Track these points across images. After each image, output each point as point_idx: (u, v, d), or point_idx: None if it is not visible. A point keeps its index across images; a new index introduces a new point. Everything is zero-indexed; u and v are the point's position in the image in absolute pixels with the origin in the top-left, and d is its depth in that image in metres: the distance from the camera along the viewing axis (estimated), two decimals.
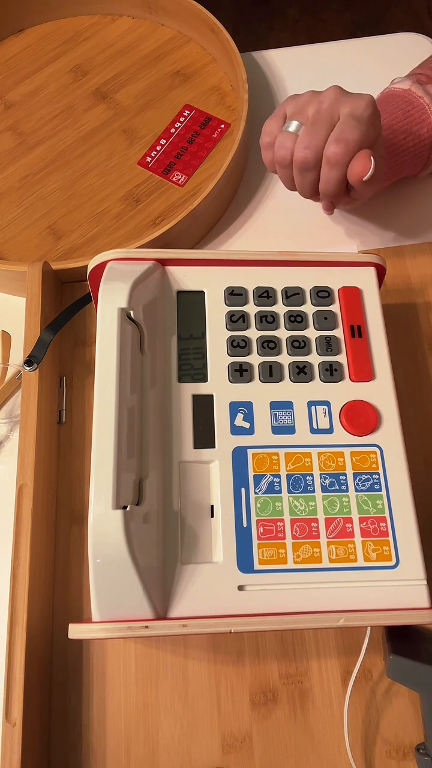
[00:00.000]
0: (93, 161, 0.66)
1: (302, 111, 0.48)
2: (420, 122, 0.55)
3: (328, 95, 0.47)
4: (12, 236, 0.63)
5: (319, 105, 0.47)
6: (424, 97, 0.55)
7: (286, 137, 0.48)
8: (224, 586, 0.37)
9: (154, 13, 0.73)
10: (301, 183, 0.49)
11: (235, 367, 0.43)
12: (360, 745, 0.44)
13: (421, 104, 0.55)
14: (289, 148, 0.48)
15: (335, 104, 0.46)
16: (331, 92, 0.47)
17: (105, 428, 0.37)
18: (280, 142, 0.48)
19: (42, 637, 0.45)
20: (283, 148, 0.48)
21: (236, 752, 0.44)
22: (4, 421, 0.56)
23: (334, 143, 0.45)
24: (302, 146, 0.46)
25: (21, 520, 0.46)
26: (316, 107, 0.47)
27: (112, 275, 0.42)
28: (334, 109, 0.46)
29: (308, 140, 0.46)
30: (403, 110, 0.55)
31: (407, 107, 0.55)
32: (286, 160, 0.48)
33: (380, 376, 0.43)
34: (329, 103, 0.46)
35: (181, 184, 0.64)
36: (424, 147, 0.56)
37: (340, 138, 0.45)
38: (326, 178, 0.47)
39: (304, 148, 0.46)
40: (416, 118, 0.55)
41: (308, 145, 0.46)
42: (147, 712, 0.45)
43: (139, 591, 0.35)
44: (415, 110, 0.55)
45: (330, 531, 0.39)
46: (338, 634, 0.47)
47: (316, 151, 0.46)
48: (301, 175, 0.48)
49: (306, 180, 0.49)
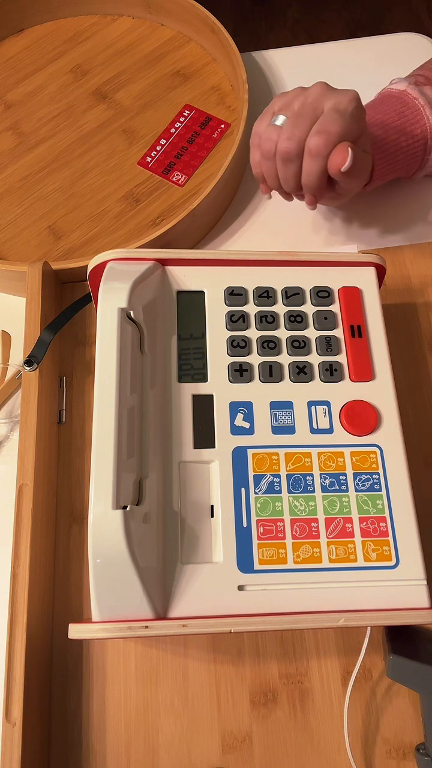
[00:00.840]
0: (93, 161, 0.66)
1: (289, 106, 0.49)
2: (414, 123, 0.55)
3: (314, 90, 0.48)
4: (12, 236, 0.63)
5: (305, 99, 0.48)
6: (419, 98, 0.55)
7: (271, 130, 0.49)
8: (224, 586, 0.37)
9: (154, 13, 0.73)
10: (285, 175, 0.50)
11: (235, 367, 0.43)
12: (360, 745, 0.44)
13: (415, 105, 0.55)
14: (274, 140, 0.49)
15: (320, 98, 0.48)
16: (317, 87, 0.48)
17: (105, 428, 0.37)
18: (265, 135, 0.49)
19: (42, 637, 0.45)
20: (268, 140, 0.49)
21: (236, 752, 0.44)
22: (4, 421, 0.56)
23: (316, 135, 0.46)
24: (285, 137, 0.48)
25: (21, 520, 0.46)
26: (302, 101, 0.48)
27: (112, 275, 0.42)
28: (319, 103, 0.47)
29: (291, 132, 0.47)
30: (397, 111, 0.55)
31: (402, 108, 0.55)
32: (270, 152, 0.49)
33: (380, 376, 0.43)
34: (314, 98, 0.48)
35: (181, 184, 0.64)
36: (418, 148, 0.56)
37: (321, 130, 0.46)
38: (308, 169, 0.48)
39: (287, 138, 0.47)
40: (410, 118, 0.55)
41: (291, 136, 0.47)
42: (147, 712, 0.45)
43: (139, 591, 0.35)
44: (410, 111, 0.55)
45: (330, 531, 0.39)
46: (338, 634, 0.47)
47: (298, 142, 0.47)
48: (284, 166, 0.49)
49: (289, 171, 0.49)
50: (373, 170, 0.55)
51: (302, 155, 0.48)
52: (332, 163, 0.47)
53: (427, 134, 0.55)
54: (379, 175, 0.56)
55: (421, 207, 0.62)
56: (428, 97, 0.55)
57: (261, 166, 0.52)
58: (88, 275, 0.46)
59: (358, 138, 0.49)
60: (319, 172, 0.48)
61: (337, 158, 0.46)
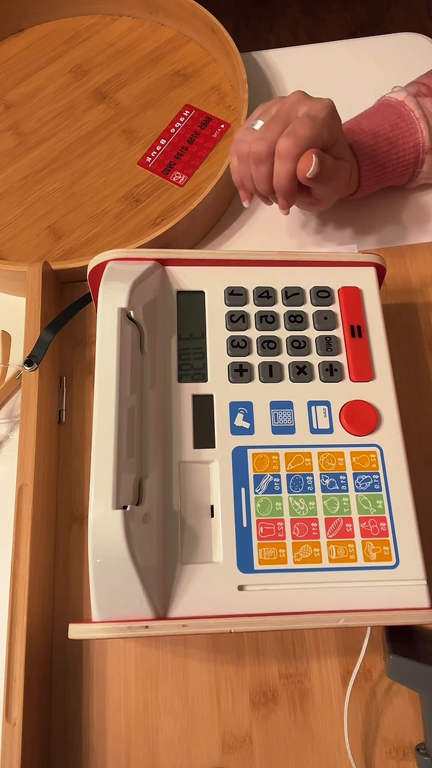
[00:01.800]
0: (93, 161, 0.66)
1: (267, 112, 0.50)
2: (407, 136, 0.55)
3: (291, 97, 0.50)
4: (12, 236, 0.63)
5: (281, 105, 0.50)
6: (415, 111, 0.55)
7: (247, 132, 0.50)
8: (224, 586, 0.37)
9: (154, 13, 0.73)
10: (257, 176, 0.51)
11: (235, 367, 0.43)
12: (360, 745, 0.44)
13: (411, 118, 0.55)
14: (248, 141, 0.50)
15: (295, 104, 0.49)
16: (294, 95, 0.50)
17: (105, 428, 0.37)
18: (241, 136, 0.50)
19: (42, 637, 0.45)
20: (242, 142, 0.50)
21: (236, 752, 0.44)
22: (4, 421, 0.56)
23: (285, 137, 0.47)
24: (257, 137, 0.49)
25: (21, 520, 0.46)
26: (278, 107, 0.50)
27: (112, 275, 0.42)
28: (293, 109, 0.49)
29: (263, 133, 0.49)
30: (391, 122, 0.56)
31: (396, 119, 0.56)
32: (244, 154, 0.50)
33: (380, 376, 0.43)
34: (290, 104, 0.49)
35: (181, 184, 0.64)
36: (409, 160, 0.56)
37: (291, 132, 0.47)
38: (277, 171, 0.49)
39: (258, 139, 0.49)
40: (403, 131, 0.55)
41: (262, 137, 0.48)
42: (147, 712, 0.45)
43: (139, 591, 0.35)
44: (404, 123, 0.55)
45: (330, 531, 0.39)
46: (338, 634, 0.47)
47: (269, 144, 0.48)
48: (256, 167, 0.50)
49: (261, 173, 0.50)
50: (361, 179, 0.56)
51: (272, 156, 0.49)
52: (298, 168, 0.48)
53: (419, 147, 0.56)
54: (368, 185, 0.57)
55: (420, 207, 0.62)
56: (426, 110, 0.55)
57: (239, 171, 0.52)
58: (88, 275, 0.46)
59: (332, 145, 0.50)
60: (287, 175, 0.48)
61: (301, 164, 0.47)
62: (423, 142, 0.55)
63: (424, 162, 0.57)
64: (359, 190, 0.57)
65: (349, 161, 0.54)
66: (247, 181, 0.52)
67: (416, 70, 0.63)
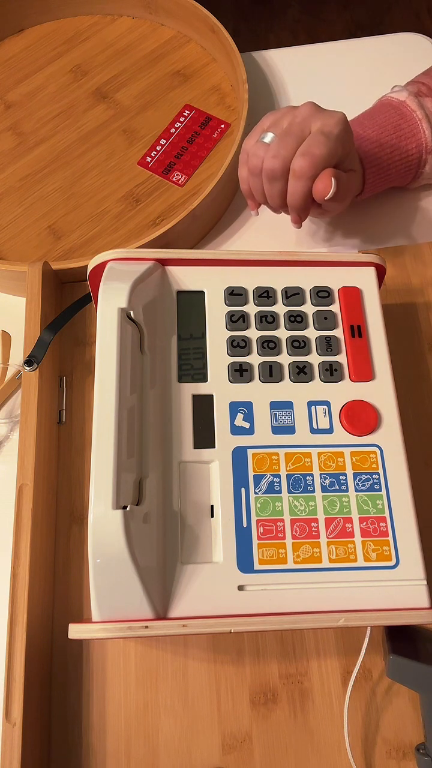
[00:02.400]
0: (93, 161, 0.66)
1: (278, 124, 0.49)
2: (409, 137, 0.55)
3: (302, 110, 0.49)
4: (12, 236, 0.63)
5: (293, 118, 0.48)
6: (417, 112, 0.55)
7: (259, 147, 0.49)
8: (224, 586, 0.37)
9: (154, 13, 0.73)
10: (270, 192, 0.51)
11: (235, 367, 0.43)
12: (360, 745, 0.44)
13: (413, 118, 0.55)
14: (261, 156, 0.49)
15: (308, 119, 0.48)
16: (306, 107, 0.49)
17: (105, 428, 0.37)
18: (253, 151, 0.50)
19: (42, 637, 0.45)
20: (255, 156, 0.50)
21: (236, 752, 0.44)
22: (4, 421, 0.56)
23: (301, 157, 0.47)
24: (271, 155, 0.48)
25: (21, 520, 0.46)
26: (290, 120, 0.49)
27: (112, 275, 0.42)
28: (306, 124, 0.48)
29: (277, 150, 0.48)
30: (393, 123, 0.55)
31: (399, 120, 0.56)
32: (257, 169, 0.50)
33: (380, 376, 0.43)
34: (302, 118, 0.48)
35: (181, 184, 0.64)
36: (412, 162, 0.56)
37: (306, 152, 0.47)
38: (292, 189, 0.49)
39: (272, 157, 0.48)
40: (406, 132, 0.55)
41: (276, 154, 0.48)
42: (147, 712, 0.45)
43: (139, 591, 0.35)
44: (407, 124, 0.55)
45: (330, 531, 0.39)
46: (338, 634, 0.47)
47: (284, 162, 0.48)
48: (269, 184, 0.50)
49: (274, 189, 0.50)
50: (365, 182, 0.56)
51: (287, 174, 0.48)
52: (316, 190, 0.48)
53: (422, 148, 0.56)
54: (371, 187, 0.57)
55: (420, 207, 0.62)
56: (427, 110, 0.55)
57: (248, 182, 0.52)
58: (88, 275, 0.46)
59: (344, 159, 0.50)
60: (303, 193, 0.49)
61: (320, 186, 0.47)
62: (426, 143, 0.55)
63: (426, 162, 0.57)
64: (363, 193, 0.57)
65: (358, 170, 0.54)
66: (257, 194, 0.52)
67: (416, 70, 0.63)
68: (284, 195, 0.50)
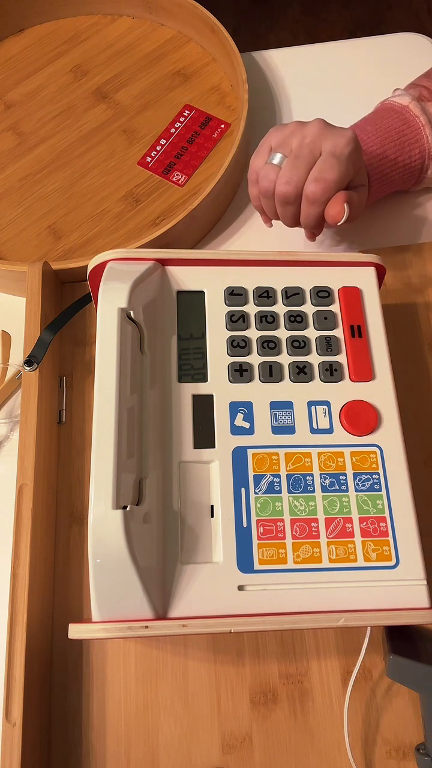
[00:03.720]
0: (93, 161, 0.66)
1: (286, 143, 0.49)
2: (413, 142, 0.55)
3: (311, 129, 0.48)
4: (12, 236, 0.63)
5: (302, 139, 0.48)
6: (420, 117, 0.55)
7: (270, 169, 0.49)
8: (224, 586, 0.37)
9: (154, 13, 0.73)
10: (284, 214, 0.51)
11: (235, 367, 0.43)
12: (360, 745, 0.44)
13: (416, 124, 0.55)
14: (273, 180, 0.49)
15: (317, 139, 0.48)
16: (315, 126, 0.48)
17: (105, 428, 0.37)
18: (264, 173, 0.49)
19: (42, 637, 0.45)
20: (266, 179, 0.49)
21: (236, 752, 0.44)
22: (4, 421, 0.56)
23: (313, 183, 0.47)
24: (283, 181, 0.48)
25: (21, 520, 0.46)
26: (299, 141, 0.48)
27: (112, 275, 0.42)
28: (316, 144, 0.47)
29: (289, 175, 0.48)
30: (397, 129, 0.55)
31: (402, 126, 0.55)
32: (269, 192, 0.50)
33: (380, 376, 0.43)
34: (312, 138, 0.48)
35: (181, 184, 0.64)
36: (415, 167, 0.57)
37: (319, 178, 0.47)
38: (306, 213, 0.49)
39: (285, 183, 0.48)
40: (410, 137, 0.55)
41: (289, 180, 0.48)
42: (147, 712, 0.45)
43: (139, 591, 0.35)
44: (410, 130, 0.55)
45: (330, 531, 0.39)
46: (338, 634, 0.47)
47: (296, 187, 0.48)
48: (282, 207, 0.50)
49: (287, 212, 0.50)
50: (369, 189, 0.56)
51: (300, 198, 0.49)
52: (329, 215, 0.48)
53: (425, 154, 0.56)
54: (375, 194, 0.57)
55: (421, 207, 0.62)
56: (430, 115, 0.55)
57: (260, 201, 0.52)
58: (88, 275, 0.46)
59: (355, 176, 0.50)
60: (317, 216, 0.49)
61: (332, 212, 0.48)
62: (429, 148, 0.55)
63: (429, 167, 0.57)
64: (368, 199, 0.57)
65: (366, 183, 0.54)
66: (270, 213, 0.53)
67: (416, 70, 0.63)
68: (297, 217, 0.51)
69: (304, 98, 0.69)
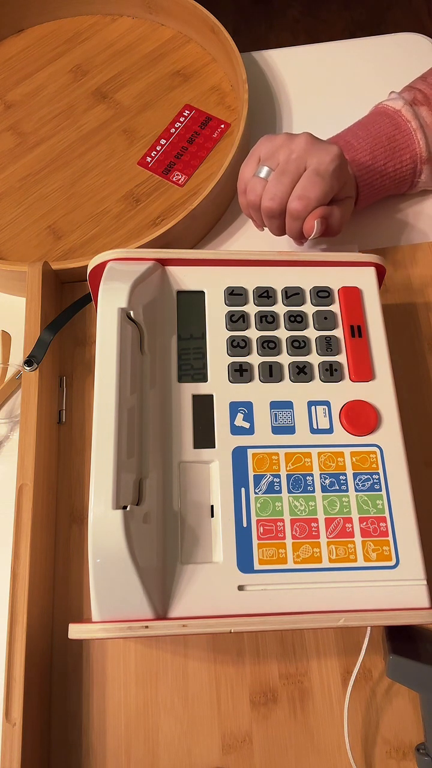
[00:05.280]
0: (93, 161, 0.66)
1: (274, 156, 0.50)
2: (403, 148, 0.55)
3: (298, 145, 0.49)
4: (12, 236, 0.63)
5: (289, 154, 0.49)
6: (412, 122, 0.55)
7: (256, 183, 0.51)
8: (224, 586, 0.37)
9: (154, 13, 0.73)
10: (270, 226, 0.53)
11: (235, 367, 0.43)
12: (360, 745, 0.44)
13: (408, 129, 0.55)
14: (259, 193, 0.51)
15: (303, 155, 0.49)
16: (302, 141, 0.49)
17: (105, 428, 0.37)
18: (251, 187, 0.51)
19: (42, 637, 0.45)
20: (253, 193, 0.51)
21: (236, 752, 0.44)
22: (4, 421, 0.56)
23: (296, 200, 0.48)
24: (268, 197, 0.49)
25: (21, 520, 0.46)
26: (286, 156, 0.49)
27: (112, 275, 0.42)
28: (301, 161, 0.49)
29: (274, 191, 0.49)
30: (387, 135, 0.56)
31: (393, 131, 0.56)
32: (256, 204, 0.52)
33: (380, 376, 0.43)
34: (298, 154, 0.49)
35: (181, 184, 0.64)
36: (406, 172, 0.57)
37: (302, 195, 0.48)
38: (290, 227, 0.51)
39: (270, 199, 0.49)
40: (400, 143, 0.55)
41: (273, 196, 0.49)
42: (147, 712, 0.45)
43: (139, 591, 0.35)
44: (401, 135, 0.55)
45: (330, 531, 0.39)
46: (338, 634, 0.47)
47: (280, 203, 0.49)
48: (268, 220, 0.52)
49: (273, 225, 0.52)
50: (359, 196, 0.56)
51: (284, 213, 0.50)
52: (304, 228, 0.50)
53: (416, 159, 0.56)
54: (364, 201, 0.57)
55: (420, 208, 0.62)
56: (422, 120, 0.55)
57: (248, 209, 0.53)
58: (88, 275, 0.46)
59: (340, 190, 0.51)
60: (299, 230, 0.51)
61: (306, 227, 0.49)
62: (420, 153, 0.56)
63: (422, 172, 0.57)
64: (357, 205, 0.57)
65: (353, 193, 0.55)
66: (258, 222, 0.54)
67: (416, 70, 0.63)
68: (283, 228, 0.52)
69: (304, 98, 0.70)
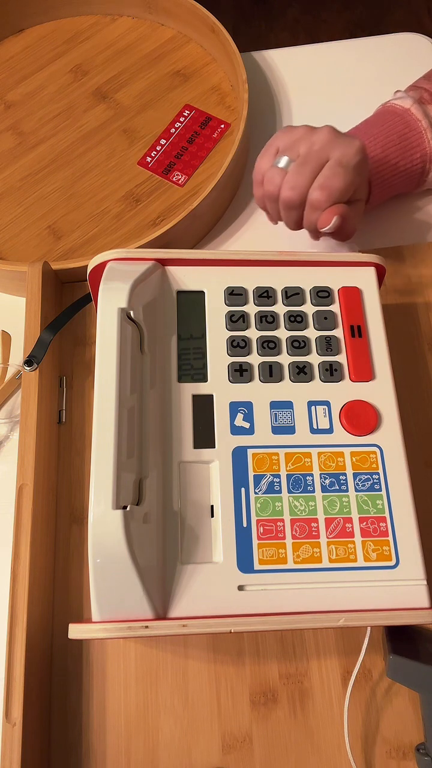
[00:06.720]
0: (93, 161, 0.66)
1: (294, 147, 0.49)
2: (415, 146, 0.55)
3: (321, 137, 0.48)
4: (12, 236, 0.63)
5: (311, 146, 0.48)
6: (422, 121, 0.55)
7: (275, 173, 0.49)
8: (224, 586, 0.37)
9: (154, 13, 0.73)
10: (287, 218, 0.51)
11: (235, 367, 0.43)
12: (360, 745, 0.44)
13: (418, 128, 0.55)
14: (278, 183, 0.49)
15: (326, 147, 0.47)
16: (324, 134, 0.48)
17: (105, 428, 0.37)
18: (269, 177, 0.49)
19: (42, 637, 0.45)
20: (271, 183, 0.49)
21: (236, 752, 0.44)
22: (4, 421, 0.56)
23: (318, 190, 0.47)
24: (288, 186, 0.48)
25: (21, 520, 0.46)
26: (308, 147, 0.48)
27: (112, 275, 0.42)
28: (324, 152, 0.47)
29: (294, 181, 0.48)
30: (398, 133, 0.55)
31: (404, 130, 0.55)
32: (274, 195, 0.50)
33: (380, 376, 0.43)
34: (321, 145, 0.47)
35: (181, 184, 0.64)
36: (416, 171, 0.57)
37: (324, 185, 0.47)
38: (308, 219, 0.49)
39: (290, 188, 0.48)
40: (412, 141, 0.55)
41: (294, 185, 0.48)
42: (147, 712, 0.45)
43: (139, 591, 0.35)
44: (412, 133, 0.55)
45: (330, 531, 0.39)
46: (338, 634, 0.47)
47: (300, 193, 0.48)
48: (286, 212, 0.50)
49: (291, 217, 0.51)
50: (371, 194, 0.56)
51: (304, 204, 0.48)
52: (320, 221, 0.48)
53: (426, 157, 0.56)
54: (377, 199, 0.57)
55: (420, 208, 0.62)
56: (430, 118, 0.55)
57: (264, 203, 0.52)
58: (88, 275, 0.46)
59: (358, 188, 0.50)
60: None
61: (322, 219, 0.48)
62: (429, 152, 0.55)
63: (430, 171, 0.57)
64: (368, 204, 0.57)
65: (365, 196, 0.54)
66: (274, 214, 0.53)
67: (416, 70, 0.63)
68: (300, 221, 0.51)
69: (304, 98, 0.70)
